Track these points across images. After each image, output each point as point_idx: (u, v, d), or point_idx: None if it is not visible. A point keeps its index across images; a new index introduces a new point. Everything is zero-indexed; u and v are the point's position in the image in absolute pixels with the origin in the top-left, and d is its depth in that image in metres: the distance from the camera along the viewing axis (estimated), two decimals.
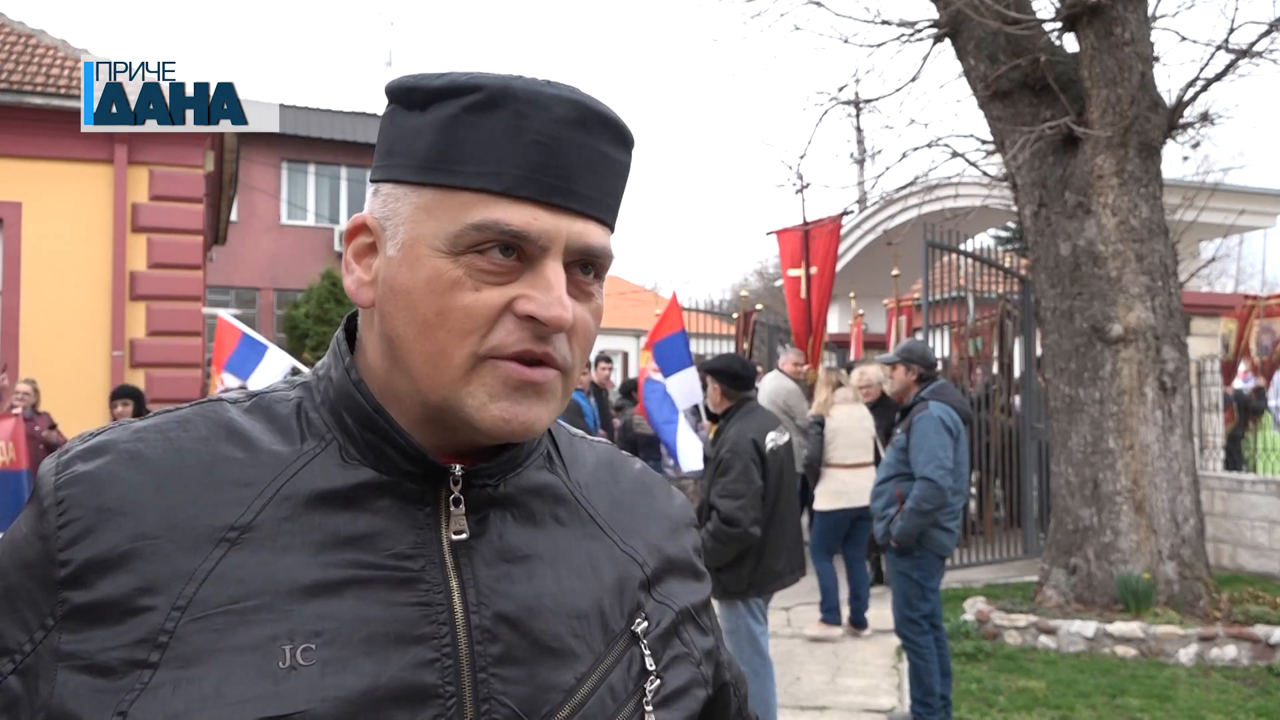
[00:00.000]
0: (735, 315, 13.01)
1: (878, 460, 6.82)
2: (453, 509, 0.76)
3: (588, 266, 0.76)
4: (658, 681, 0.81)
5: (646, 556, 0.86)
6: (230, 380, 7.44)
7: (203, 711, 0.65)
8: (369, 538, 0.73)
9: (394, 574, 0.72)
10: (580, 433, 0.95)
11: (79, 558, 0.69)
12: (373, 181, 0.79)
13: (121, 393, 7.65)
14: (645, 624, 0.82)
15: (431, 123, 0.73)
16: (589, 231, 0.74)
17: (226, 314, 7.67)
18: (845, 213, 10.76)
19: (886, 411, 7.30)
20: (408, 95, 0.75)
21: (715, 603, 4.43)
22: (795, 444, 8.56)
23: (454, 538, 0.75)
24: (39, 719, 0.67)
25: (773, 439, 4.45)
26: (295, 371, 7.31)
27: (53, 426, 7.60)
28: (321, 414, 0.78)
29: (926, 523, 4.67)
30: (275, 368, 7.62)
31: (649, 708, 0.79)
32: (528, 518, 0.80)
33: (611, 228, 0.78)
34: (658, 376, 8.09)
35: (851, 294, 13.52)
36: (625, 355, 25.52)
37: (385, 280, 0.75)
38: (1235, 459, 9.96)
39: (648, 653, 0.81)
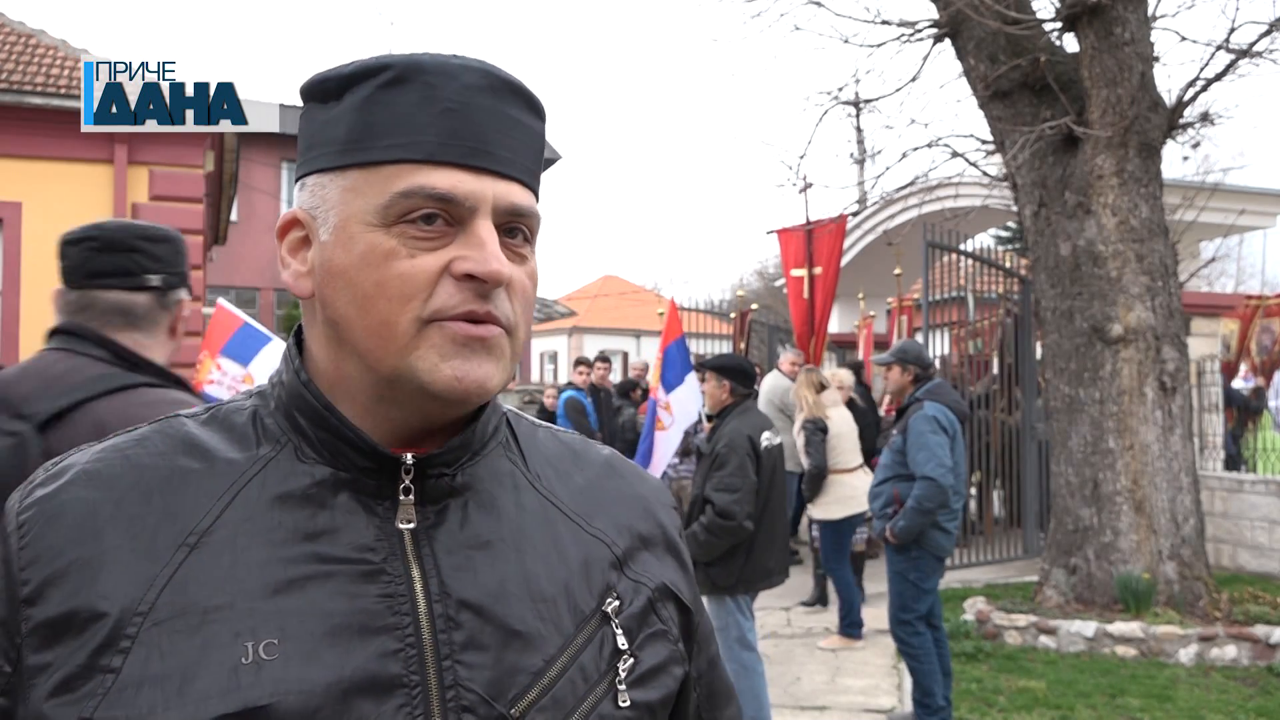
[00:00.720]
0: (733, 315, 13.00)
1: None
2: (401, 498, 0.77)
3: (515, 230, 0.78)
4: (631, 660, 0.81)
5: (615, 537, 0.87)
6: (229, 366, 7.38)
7: (166, 710, 0.66)
8: (329, 533, 0.74)
9: (355, 567, 0.73)
10: (545, 423, 0.96)
11: (39, 575, 0.71)
12: (298, 179, 0.81)
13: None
14: (617, 603, 0.82)
15: (347, 108, 0.76)
16: (512, 191, 0.76)
17: (226, 302, 7.65)
18: (852, 213, 10.77)
19: (856, 415, 7.34)
20: (321, 89, 0.78)
21: (704, 599, 4.46)
22: (788, 443, 8.60)
23: (401, 527, 0.76)
24: None
25: (767, 438, 4.53)
26: None
27: None
28: (276, 418, 0.80)
29: (927, 522, 4.67)
30: (278, 356, 7.60)
31: (622, 687, 0.80)
32: (488, 504, 0.81)
33: (535, 191, 0.80)
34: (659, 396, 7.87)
35: (860, 294, 13.52)
36: (625, 355, 25.52)
37: (321, 266, 0.77)
38: (1234, 458, 9.96)
39: (619, 632, 0.81)
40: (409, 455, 0.76)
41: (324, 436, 0.77)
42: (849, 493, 6.65)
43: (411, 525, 0.76)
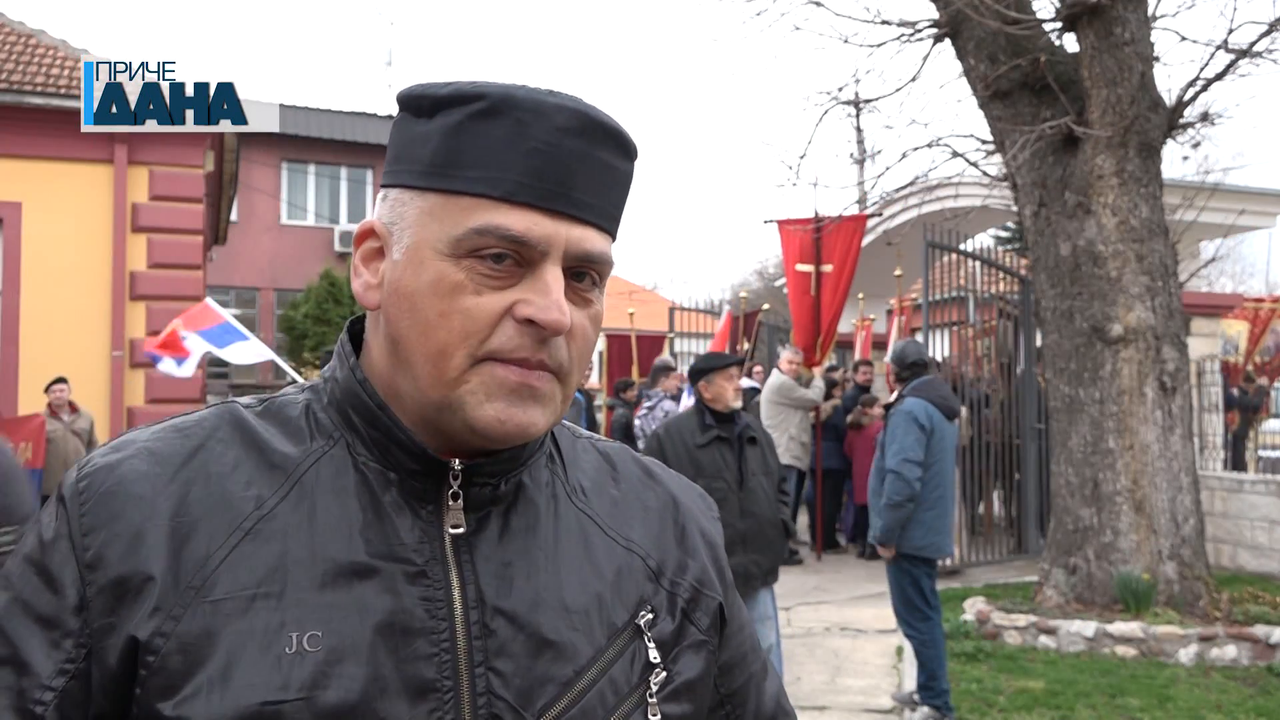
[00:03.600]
0: (734, 316, 12.95)
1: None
2: (450, 504, 0.78)
3: (584, 274, 0.77)
4: (663, 674, 0.81)
5: (650, 548, 0.87)
6: (196, 345, 7.40)
7: (210, 692, 0.68)
8: (376, 532, 0.76)
9: (401, 566, 0.75)
10: (586, 433, 0.96)
11: (97, 541, 0.72)
12: (382, 187, 0.81)
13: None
14: (650, 616, 0.82)
15: (437, 130, 0.75)
16: (587, 237, 0.76)
17: (213, 302, 7.68)
18: (875, 213, 10.75)
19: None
20: (416, 103, 0.77)
21: (766, 590, 4.37)
22: (783, 440, 8.62)
23: (451, 532, 0.77)
24: (99, 697, 0.71)
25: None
26: (284, 376, 7.33)
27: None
28: (329, 414, 0.81)
29: (902, 516, 4.71)
30: (253, 351, 7.60)
31: (652, 700, 0.80)
32: (528, 515, 0.82)
33: (612, 235, 0.79)
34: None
35: (860, 295, 13.52)
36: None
37: (391, 283, 0.78)
38: (1239, 459, 9.97)
39: (652, 645, 0.81)
40: (457, 461, 0.77)
41: (376, 435, 0.78)
42: None
43: (460, 530, 0.77)
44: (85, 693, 0.71)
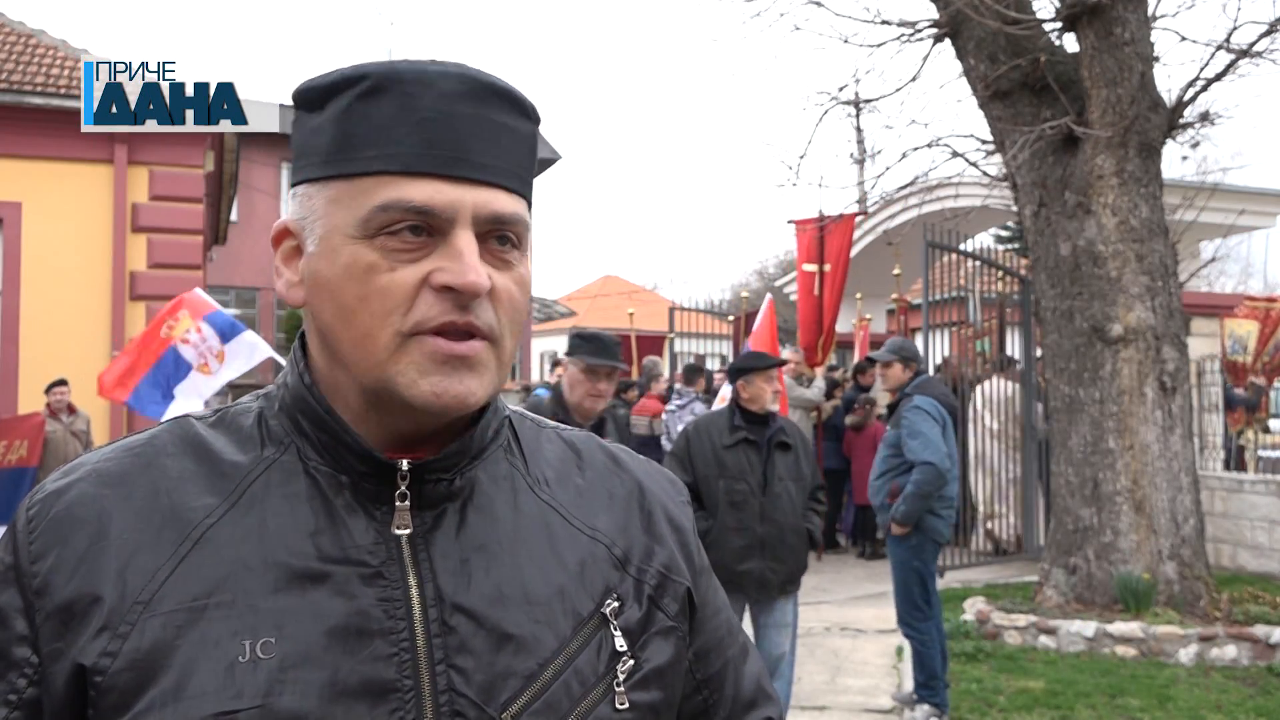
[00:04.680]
0: (731, 317, 12.97)
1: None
2: (398, 504, 0.77)
3: (503, 237, 0.77)
4: (630, 662, 0.80)
5: (615, 537, 0.86)
6: (209, 332, 7.09)
7: (164, 707, 0.68)
8: (329, 536, 0.75)
9: (354, 569, 0.74)
10: (552, 423, 0.95)
11: (45, 567, 0.72)
12: (291, 188, 0.82)
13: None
14: (616, 604, 0.82)
15: (329, 118, 0.76)
16: (494, 199, 0.76)
17: (201, 291, 7.50)
18: (862, 212, 10.77)
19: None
20: (306, 97, 0.78)
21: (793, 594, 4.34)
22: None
23: (396, 532, 0.76)
24: None
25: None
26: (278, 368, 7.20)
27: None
28: (280, 420, 0.81)
29: (925, 506, 4.79)
30: (251, 345, 7.38)
31: (619, 689, 0.79)
32: (486, 509, 0.81)
33: (522, 195, 0.79)
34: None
35: (859, 295, 13.52)
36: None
37: (310, 276, 0.78)
38: (1240, 459, 9.96)
39: (618, 634, 0.80)
40: (404, 462, 0.77)
41: (325, 439, 0.78)
42: None
43: (408, 531, 0.77)
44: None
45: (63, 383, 8.07)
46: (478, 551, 0.78)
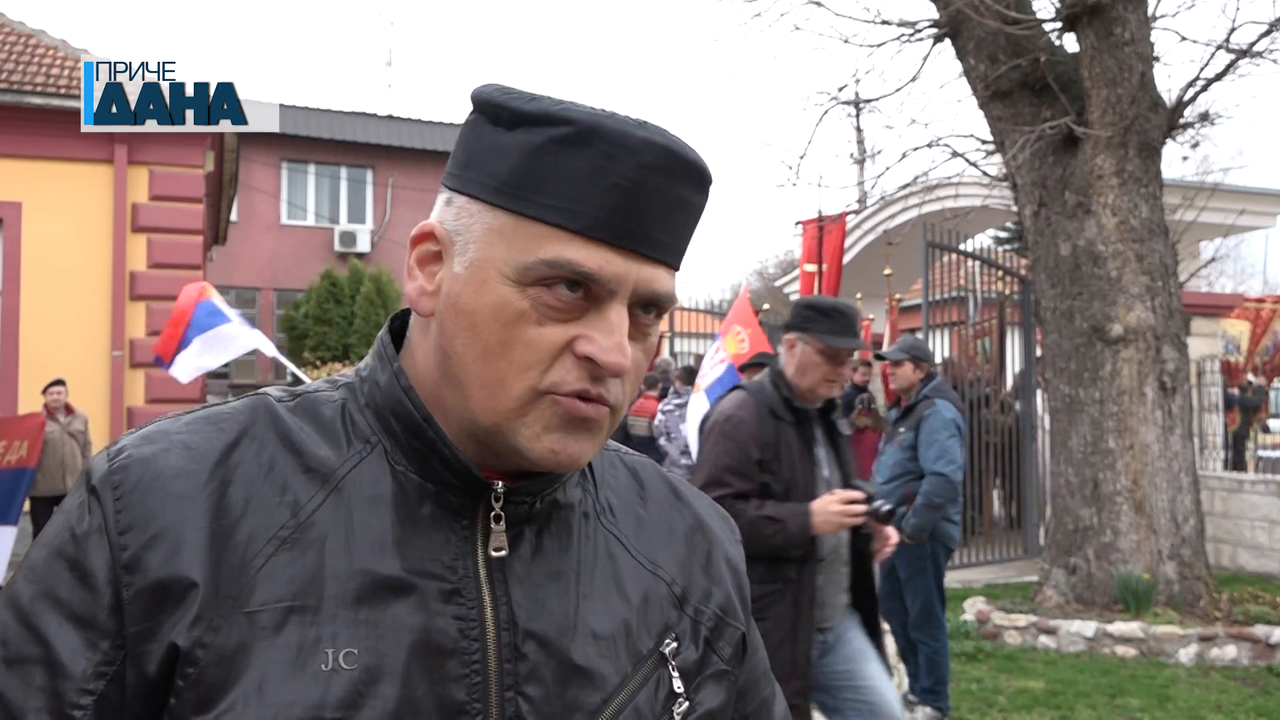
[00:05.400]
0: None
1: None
2: (494, 526, 0.76)
3: (649, 307, 0.76)
4: (685, 704, 0.80)
5: (676, 574, 0.85)
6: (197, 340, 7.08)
7: (246, 708, 0.66)
8: (412, 546, 0.74)
9: (436, 584, 0.73)
10: (614, 444, 0.94)
11: (136, 541, 0.69)
12: (446, 188, 0.78)
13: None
14: (674, 645, 0.81)
15: (517, 146, 0.72)
16: (657, 277, 0.74)
17: (193, 288, 7.43)
18: (854, 211, 10.78)
19: None
20: (495, 111, 0.74)
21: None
22: None
23: (493, 554, 0.76)
24: (134, 703, 0.69)
25: None
26: (286, 375, 7.18)
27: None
28: (366, 416, 0.78)
29: (938, 517, 4.76)
30: (244, 340, 7.31)
31: None
32: (559, 535, 0.80)
33: (678, 269, 0.78)
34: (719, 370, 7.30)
35: (858, 295, 13.52)
36: None
37: (449, 295, 0.75)
38: (1240, 459, 9.97)
39: (675, 675, 0.80)
40: (500, 484, 0.76)
41: (417, 446, 0.76)
42: None
43: (504, 553, 0.76)
44: (121, 697, 0.68)
45: (60, 382, 8.07)
46: (551, 579, 0.78)
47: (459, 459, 0.75)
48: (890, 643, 6.32)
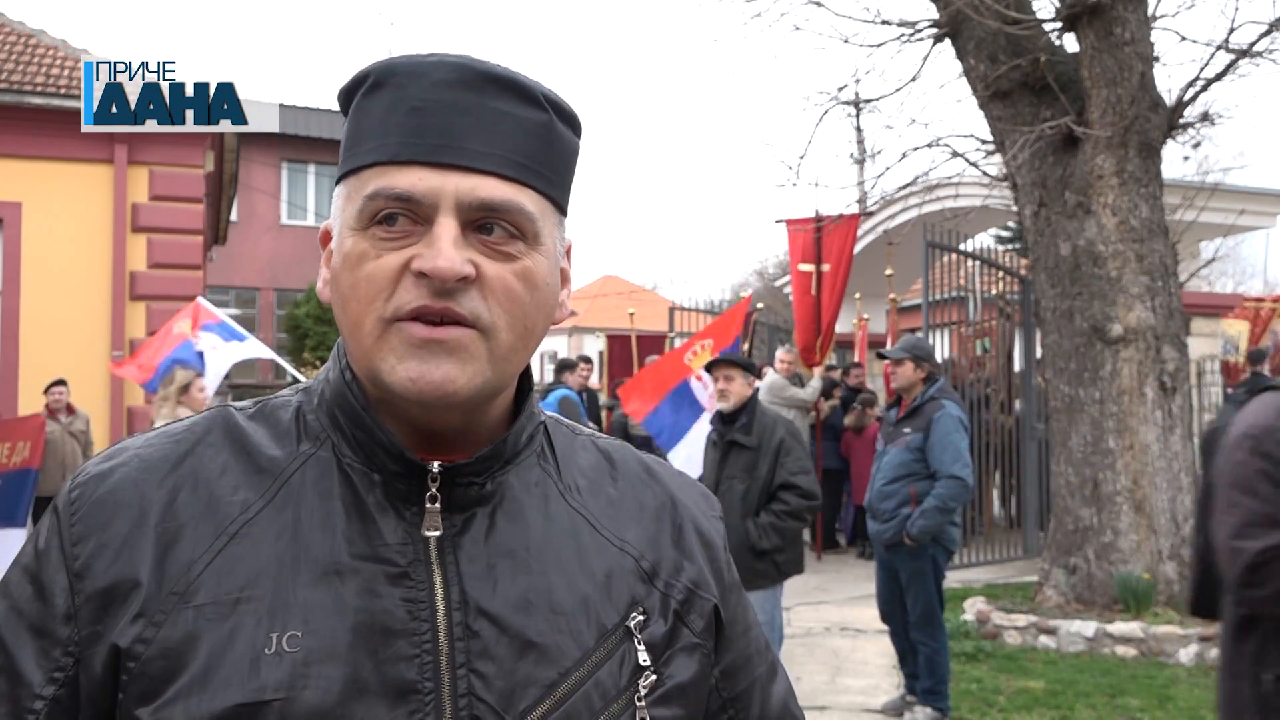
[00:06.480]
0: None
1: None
2: (429, 506, 0.77)
3: (492, 226, 0.75)
4: (653, 677, 0.79)
5: (644, 549, 0.85)
6: (207, 339, 7.14)
7: (189, 697, 0.69)
8: (360, 534, 0.75)
9: (382, 567, 0.74)
10: (588, 430, 0.95)
11: (86, 550, 0.74)
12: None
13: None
14: (641, 618, 0.81)
15: (349, 119, 0.79)
16: (481, 185, 0.74)
17: (205, 302, 7.55)
18: (865, 213, 10.77)
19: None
20: (339, 104, 0.82)
21: (758, 592, 4.30)
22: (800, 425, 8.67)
23: (427, 534, 0.76)
24: (88, 707, 0.73)
25: None
26: (285, 375, 7.18)
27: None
28: (319, 415, 0.82)
29: (946, 520, 4.74)
30: (250, 349, 7.39)
31: (641, 703, 0.78)
32: (516, 514, 0.81)
33: (527, 183, 0.77)
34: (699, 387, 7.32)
35: (858, 295, 13.51)
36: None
37: (330, 273, 0.80)
38: None
39: (642, 648, 0.80)
40: (435, 464, 0.77)
41: (360, 436, 0.78)
42: None
43: (437, 533, 0.77)
44: (74, 700, 0.72)
45: (61, 383, 8.07)
46: (505, 557, 0.78)
47: (393, 443, 0.77)
48: (890, 645, 6.34)
